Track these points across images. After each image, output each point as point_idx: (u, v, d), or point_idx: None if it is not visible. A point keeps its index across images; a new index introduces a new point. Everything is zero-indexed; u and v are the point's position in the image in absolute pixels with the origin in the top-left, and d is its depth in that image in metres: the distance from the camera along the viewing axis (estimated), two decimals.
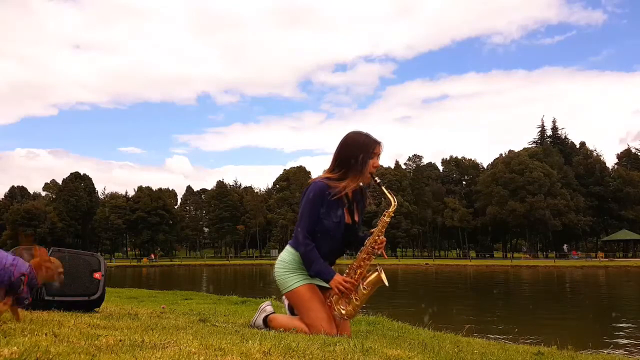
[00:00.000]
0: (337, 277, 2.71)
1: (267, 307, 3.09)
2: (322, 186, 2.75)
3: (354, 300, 2.71)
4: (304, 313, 2.75)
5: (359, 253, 2.75)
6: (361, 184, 2.78)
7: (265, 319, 2.97)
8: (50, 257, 2.30)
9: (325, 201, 2.74)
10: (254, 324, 3.06)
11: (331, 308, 2.76)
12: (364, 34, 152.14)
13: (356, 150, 2.74)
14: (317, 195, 2.74)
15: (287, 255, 2.84)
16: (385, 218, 2.71)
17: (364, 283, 2.70)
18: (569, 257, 56.64)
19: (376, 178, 2.74)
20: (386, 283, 2.66)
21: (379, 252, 2.73)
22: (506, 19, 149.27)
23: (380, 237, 2.71)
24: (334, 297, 2.76)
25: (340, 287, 2.69)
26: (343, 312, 2.72)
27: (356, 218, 2.85)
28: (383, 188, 2.70)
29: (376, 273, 2.68)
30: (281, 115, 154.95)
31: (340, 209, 2.77)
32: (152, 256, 70.61)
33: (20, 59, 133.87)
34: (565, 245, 64.36)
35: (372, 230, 2.74)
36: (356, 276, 2.71)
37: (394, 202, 2.67)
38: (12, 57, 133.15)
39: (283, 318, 2.92)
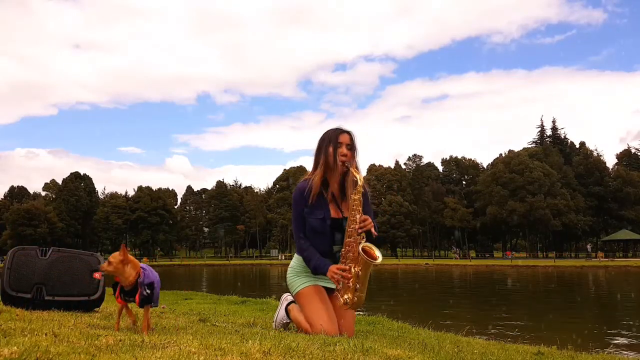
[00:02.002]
0: (332, 267, 2.73)
1: (288, 296, 3.17)
2: (300, 187, 2.86)
3: (353, 285, 2.69)
4: (306, 313, 2.83)
5: (344, 239, 2.74)
6: (355, 177, 2.73)
7: (287, 308, 3.08)
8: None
9: (307, 200, 2.82)
10: (277, 315, 3.17)
11: (338, 299, 2.76)
12: (364, 34, 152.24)
13: (323, 144, 2.84)
14: (297, 197, 2.86)
15: (293, 261, 2.98)
16: (353, 196, 2.69)
17: (357, 266, 2.68)
18: (595, 257, 53.21)
19: (345, 163, 2.78)
20: (375, 260, 2.57)
21: (361, 232, 2.64)
22: (506, 19, 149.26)
23: (359, 216, 2.66)
24: (338, 288, 2.77)
25: (336, 275, 2.70)
26: (348, 299, 2.71)
27: (346, 213, 2.82)
28: (351, 169, 2.75)
29: (361, 252, 2.58)
30: (281, 115, 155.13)
31: (324, 205, 2.83)
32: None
33: (20, 59, 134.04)
34: (589, 245, 63.77)
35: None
36: (348, 261, 2.70)
37: (359, 180, 2.69)
38: (12, 57, 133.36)
39: (298, 309, 2.99)
